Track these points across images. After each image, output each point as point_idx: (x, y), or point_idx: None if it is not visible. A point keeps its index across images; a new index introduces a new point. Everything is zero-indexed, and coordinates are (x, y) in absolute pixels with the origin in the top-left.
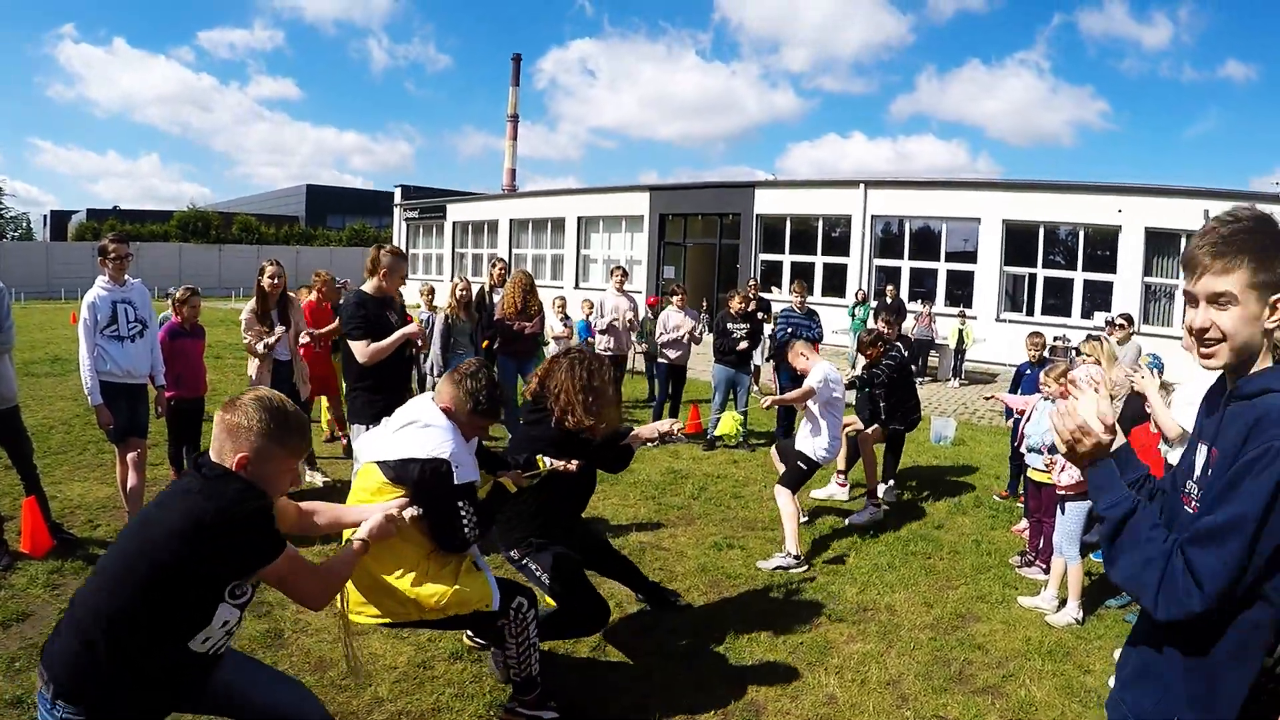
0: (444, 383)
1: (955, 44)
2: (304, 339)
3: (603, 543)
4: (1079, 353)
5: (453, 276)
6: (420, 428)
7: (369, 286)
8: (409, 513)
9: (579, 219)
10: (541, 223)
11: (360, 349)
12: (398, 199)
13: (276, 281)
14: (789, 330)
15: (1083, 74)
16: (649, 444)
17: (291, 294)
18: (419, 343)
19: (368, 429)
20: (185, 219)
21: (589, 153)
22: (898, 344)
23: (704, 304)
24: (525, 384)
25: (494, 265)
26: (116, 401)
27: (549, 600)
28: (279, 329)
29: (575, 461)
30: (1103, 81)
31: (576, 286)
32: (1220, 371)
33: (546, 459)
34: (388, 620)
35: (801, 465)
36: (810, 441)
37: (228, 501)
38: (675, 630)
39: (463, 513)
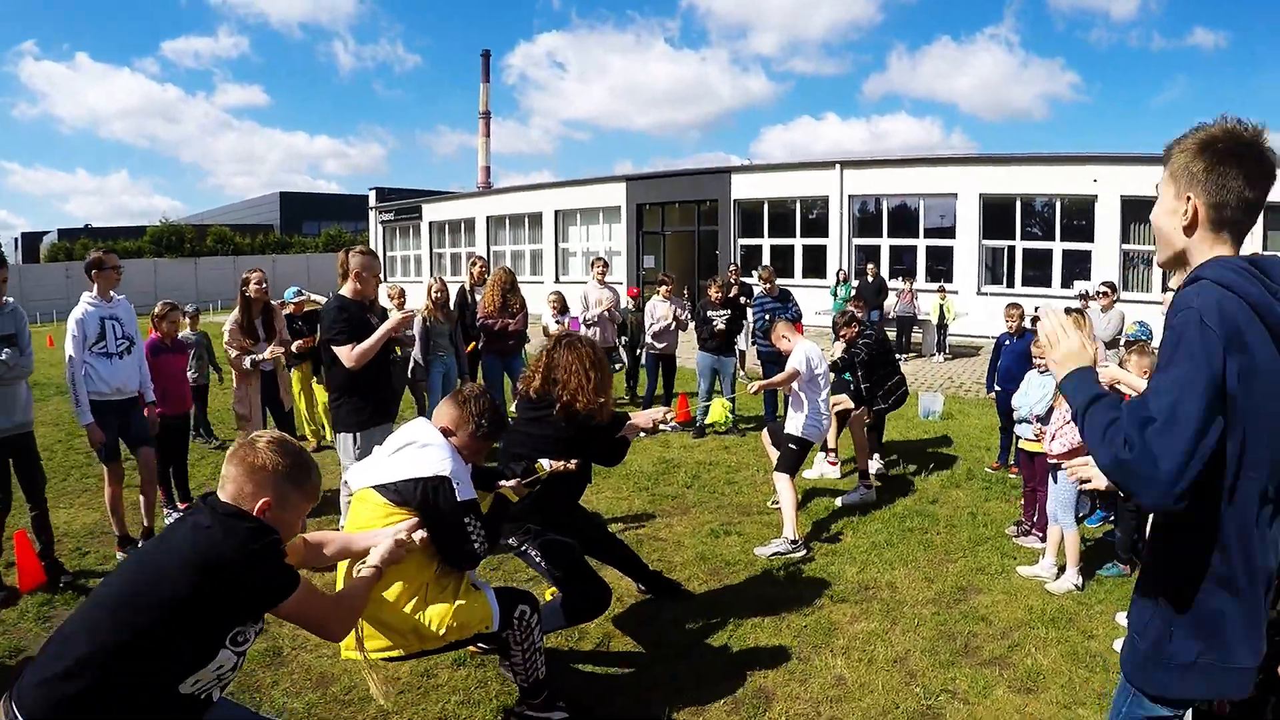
0: (446, 404)
1: (924, 21)
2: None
3: (602, 529)
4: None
5: (431, 277)
6: (419, 448)
7: (346, 290)
8: (419, 535)
9: (556, 213)
10: (518, 218)
11: (346, 353)
12: (372, 202)
13: (263, 288)
14: (766, 316)
15: (1052, 47)
16: (642, 434)
17: (274, 303)
18: (409, 331)
19: (354, 437)
20: (158, 234)
21: (563, 146)
22: (873, 323)
23: (685, 292)
24: (520, 381)
25: (473, 264)
26: (106, 419)
27: (548, 594)
28: (271, 348)
29: (574, 460)
30: (1072, 53)
31: (557, 280)
32: None
33: (545, 462)
34: (394, 654)
35: (793, 446)
36: (796, 420)
37: (244, 538)
38: (677, 621)
39: (470, 528)
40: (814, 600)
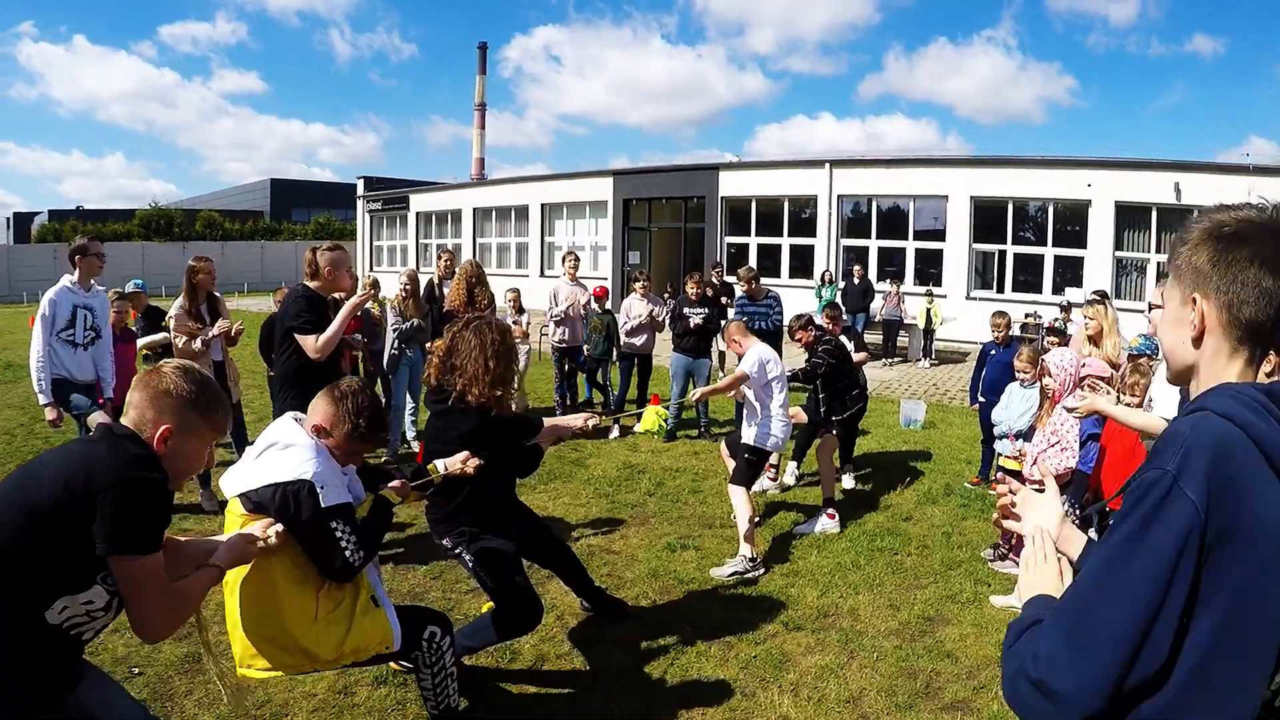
0: (321, 399)
1: (922, 22)
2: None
3: (546, 534)
4: (1051, 331)
5: (417, 268)
6: (280, 449)
7: (313, 285)
8: (273, 530)
9: (543, 206)
10: (505, 211)
11: (310, 343)
12: (360, 190)
13: (211, 275)
14: (743, 319)
15: (1050, 50)
16: (562, 440)
17: (217, 294)
18: (358, 336)
19: None
20: (147, 217)
21: (558, 140)
22: (829, 332)
23: (668, 288)
24: (425, 366)
25: (440, 256)
26: (66, 399)
27: (485, 607)
28: (220, 322)
29: (473, 462)
30: (1070, 58)
31: (542, 274)
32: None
33: (440, 464)
34: (279, 673)
35: (749, 457)
36: (751, 430)
37: (127, 461)
38: (619, 644)
39: (339, 534)
40: (767, 627)
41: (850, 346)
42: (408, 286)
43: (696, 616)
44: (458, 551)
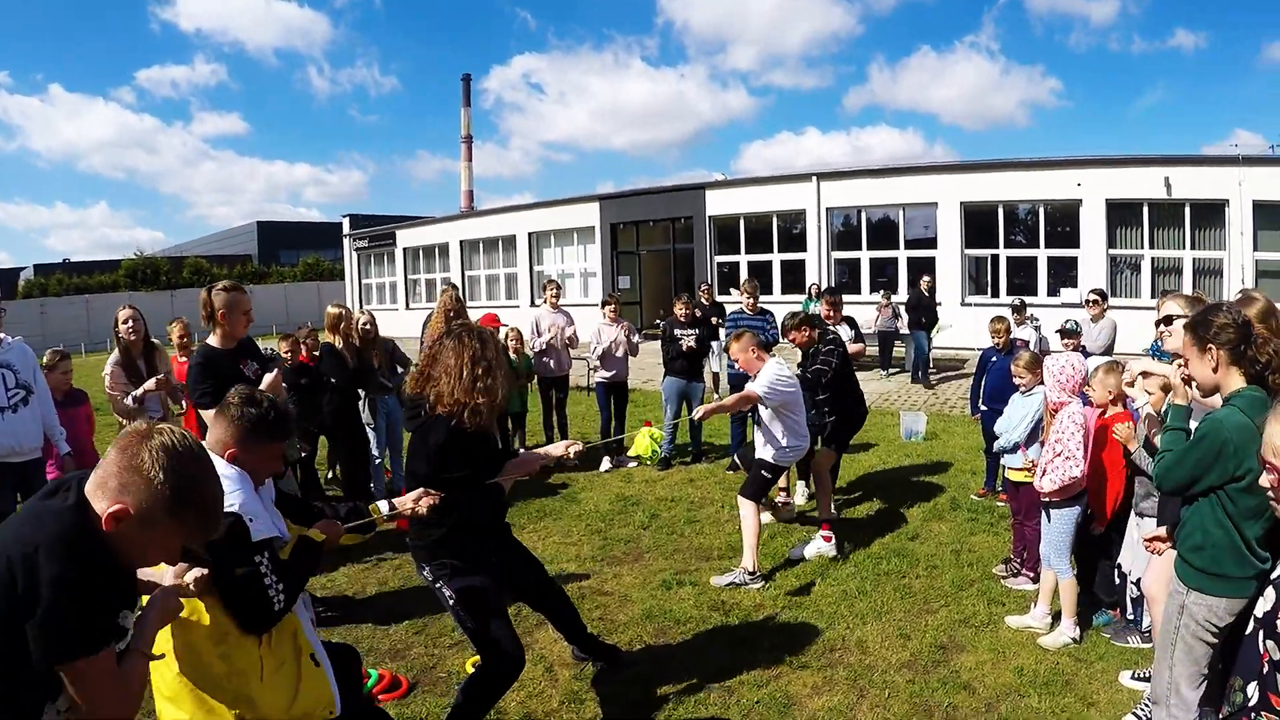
0: (211, 421)
1: (903, 32)
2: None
3: (538, 572)
4: (1064, 334)
5: (407, 305)
6: None
7: (214, 339)
8: (192, 575)
9: (530, 235)
10: (492, 242)
11: (212, 418)
12: (346, 229)
13: (133, 325)
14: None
15: (1032, 53)
16: (531, 474)
17: (155, 341)
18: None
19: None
20: (133, 267)
21: (544, 167)
22: (832, 328)
23: (660, 312)
24: (405, 381)
25: (444, 292)
26: None
27: (469, 665)
28: (156, 380)
29: (426, 501)
30: (1053, 59)
31: (532, 304)
32: None
33: (383, 505)
34: None
35: (765, 474)
36: (769, 447)
37: (59, 543)
38: (612, 698)
39: (265, 576)
40: (770, 666)
41: (849, 336)
42: (368, 329)
43: (694, 660)
44: (438, 586)
